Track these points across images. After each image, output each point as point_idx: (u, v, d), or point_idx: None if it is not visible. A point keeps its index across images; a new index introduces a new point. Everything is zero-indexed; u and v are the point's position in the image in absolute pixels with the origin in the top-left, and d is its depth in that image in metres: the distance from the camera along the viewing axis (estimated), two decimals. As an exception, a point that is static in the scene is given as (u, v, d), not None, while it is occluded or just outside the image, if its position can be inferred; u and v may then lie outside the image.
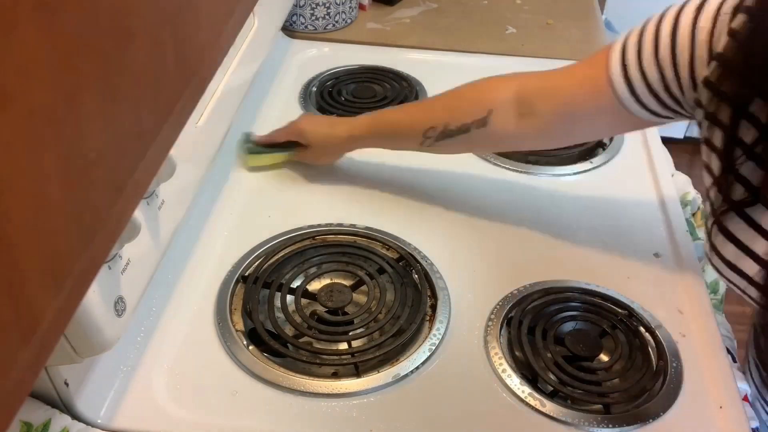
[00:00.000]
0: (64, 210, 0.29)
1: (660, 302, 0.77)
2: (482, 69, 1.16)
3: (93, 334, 0.56)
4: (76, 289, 0.31)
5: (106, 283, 0.57)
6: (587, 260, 0.83)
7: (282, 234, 0.83)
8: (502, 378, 0.69)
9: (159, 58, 0.36)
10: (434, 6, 1.35)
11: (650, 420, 0.66)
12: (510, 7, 1.34)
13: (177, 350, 0.71)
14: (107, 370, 0.67)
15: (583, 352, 0.71)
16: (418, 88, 1.10)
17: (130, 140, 0.34)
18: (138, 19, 0.33)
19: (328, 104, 1.06)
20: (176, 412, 0.65)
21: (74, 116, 0.28)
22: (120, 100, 0.32)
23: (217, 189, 0.90)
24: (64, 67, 0.27)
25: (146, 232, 0.63)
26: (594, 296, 0.77)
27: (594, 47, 1.24)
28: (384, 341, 0.71)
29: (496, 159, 0.97)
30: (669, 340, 0.73)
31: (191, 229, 0.83)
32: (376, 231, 0.84)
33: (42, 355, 0.29)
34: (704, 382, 0.70)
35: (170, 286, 0.77)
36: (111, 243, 0.34)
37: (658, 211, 0.90)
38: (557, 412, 0.66)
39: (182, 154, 0.68)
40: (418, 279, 0.78)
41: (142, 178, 0.36)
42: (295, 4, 1.21)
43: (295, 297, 0.75)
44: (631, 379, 0.69)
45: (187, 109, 0.41)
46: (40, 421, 0.61)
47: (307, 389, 0.67)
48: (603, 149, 1.00)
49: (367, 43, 1.23)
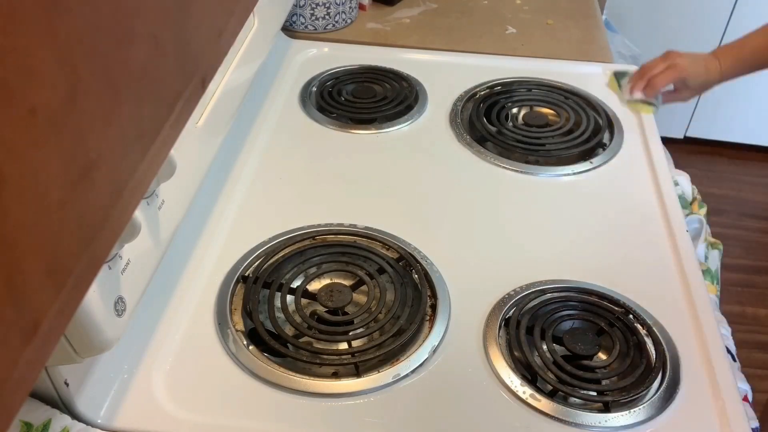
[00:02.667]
0: (65, 210, 0.29)
1: (659, 301, 0.77)
2: (482, 69, 1.17)
3: (93, 334, 0.56)
4: (77, 289, 0.31)
5: (106, 283, 0.57)
6: (587, 260, 0.83)
7: (282, 234, 0.83)
8: (502, 377, 0.69)
9: (159, 58, 0.36)
10: (434, 6, 1.35)
11: (649, 419, 0.66)
12: (510, 7, 1.34)
13: (177, 350, 0.71)
14: (107, 370, 0.67)
15: (581, 351, 0.71)
16: (418, 88, 1.10)
17: (130, 140, 0.34)
18: (138, 19, 0.33)
19: (328, 104, 1.06)
20: (176, 412, 0.65)
21: (75, 116, 0.28)
22: (120, 100, 0.32)
23: (217, 189, 0.90)
24: (64, 67, 0.27)
25: (146, 232, 0.64)
26: (591, 295, 0.77)
27: (594, 47, 1.24)
28: (384, 341, 0.71)
29: (496, 159, 0.97)
30: (668, 338, 0.73)
31: (191, 229, 0.83)
32: (376, 231, 0.84)
33: (42, 355, 0.29)
34: (703, 381, 0.70)
35: (170, 286, 0.77)
36: (111, 243, 0.34)
37: (658, 211, 0.90)
38: (557, 411, 0.66)
39: (182, 154, 0.68)
40: (418, 279, 0.78)
41: (142, 178, 0.36)
42: (295, 4, 1.21)
43: (295, 297, 0.75)
44: (630, 377, 0.69)
45: (187, 109, 0.41)
46: (40, 421, 0.61)
47: (307, 389, 0.67)
48: (603, 149, 1.00)
49: (367, 43, 1.23)
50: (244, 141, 0.98)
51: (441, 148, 0.99)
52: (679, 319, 0.76)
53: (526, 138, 1.00)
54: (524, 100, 1.09)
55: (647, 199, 0.92)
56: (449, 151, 0.99)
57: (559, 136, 1.01)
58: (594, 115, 1.05)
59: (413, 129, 1.03)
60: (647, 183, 0.94)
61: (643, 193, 0.93)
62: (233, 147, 0.96)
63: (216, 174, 0.90)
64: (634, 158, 0.99)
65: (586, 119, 1.03)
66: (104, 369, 0.67)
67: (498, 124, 1.03)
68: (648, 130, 1.03)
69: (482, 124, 1.03)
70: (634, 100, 0.97)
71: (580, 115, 1.04)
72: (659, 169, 0.96)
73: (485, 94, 1.10)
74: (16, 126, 0.25)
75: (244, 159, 0.95)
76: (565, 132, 1.02)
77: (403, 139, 1.02)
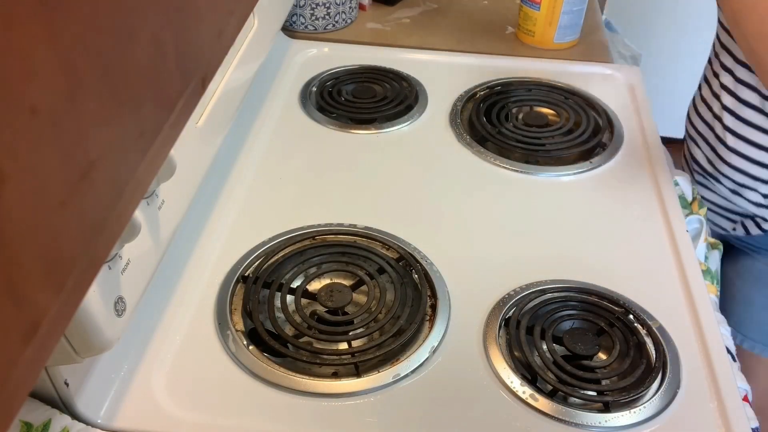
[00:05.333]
0: (65, 210, 0.29)
1: (659, 301, 0.77)
2: (482, 69, 1.17)
3: (93, 334, 0.56)
4: (77, 289, 0.31)
5: (106, 283, 0.57)
6: (587, 260, 0.83)
7: (282, 234, 0.83)
8: (502, 377, 0.69)
9: (159, 58, 0.36)
10: (434, 6, 1.35)
11: (649, 419, 0.66)
12: (510, 7, 1.34)
13: (177, 350, 0.71)
14: (107, 370, 0.67)
15: (581, 351, 0.71)
16: (418, 88, 1.10)
17: (130, 140, 0.34)
18: (138, 19, 0.33)
19: (328, 104, 1.06)
20: (176, 412, 0.65)
21: (75, 116, 0.28)
22: (120, 99, 0.32)
23: (217, 189, 0.90)
24: (64, 67, 0.27)
25: (146, 232, 0.64)
26: (591, 295, 0.77)
27: (594, 47, 1.25)
28: (384, 341, 0.71)
29: (496, 159, 0.97)
30: (668, 338, 0.73)
31: (191, 229, 0.83)
32: (376, 231, 0.84)
33: (42, 355, 0.29)
34: (703, 381, 0.70)
35: (170, 286, 0.77)
36: (111, 243, 0.34)
37: (658, 211, 0.90)
38: (557, 411, 0.66)
39: (182, 154, 0.68)
40: (418, 279, 0.78)
41: (142, 178, 0.36)
42: (295, 4, 1.21)
43: (295, 297, 0.75)
44: (630, 377, 0.69)
45: (187, 109, 0.41)
46: (40, 421, 0.61)
47: (307, 389, 0.67)
48: (603, 149, 1.00)
49: (367, 43, 1.23)
50: (244, 141, 0.98)
51: (441, 148, 0.99)
52: (679, 319, 0.76)
53: (526, 138, 1.00)
54: (524, 100, 1.09)
55: (647, 199, 0.92)
56: (449, 151, 0.99)
57: (559, 136, 1.01)
58: (594, 115, 1.05)
59: (413, 129, 1.03)
60: (647, 183, 0.94)
61: (643, 193, 0.93)
62: (233, 147, 0.96)
63: (216, 174, 0.90)
64: (634, 158, 0.99)
65: (586, 119, 1.03)
66: (104, 369, 0.67)
67: (498, 124, 1.03)
68: (648, 130, 1.03)
69: (482, 124, 1.03)
70: None
71: (580, 115, 1.04)
72: (659, 170, 0.96)
73: (485, 94, 1.10)
74: (16, 126, 0.25)
75: (244, 159, 0.95)
76: (565, 132, 1.02)
77: (403, 139, 1.02)
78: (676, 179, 0.98)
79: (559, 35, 1.20)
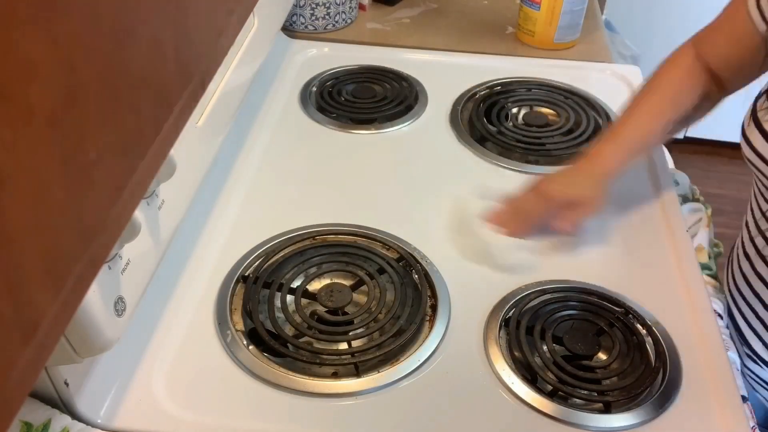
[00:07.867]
0: (65, 210, 0.29)
1: (659, 301, 0.77)
2: (482, 69, 1.17)
3: (93, 334, 0.56)
4: (77, 289, 0.31)
5: (106, 283, 0.57)
6: (587, 260, 0.83)
7: (282, 234, 0.83)
8: (502, 377, 0.69)
9: (159, 58, 0.36)
10: (434, 6, 1.35)
11: (650, 419, 0.66)
12: (510, 7, 1.34)
13: (177, 350, 0.71)
14: (107, 370, 0.67)
15: (581, 351, 0.71)
16: (418, 88, 1.10)
17: (130, 140, 0.34)
18: (138, 19, 0.33)
19: (328, 104, 1.06)
20: (176, 412, 0.65)
21: (75, 116, 0.28)
22: (120, 99, 0.32)
23: (217, 189, 0.90)
24: (64, 67, 0.27)
25: (146, 232, 0.63)
26: (592, 295, 0.77)
27: (594, 47, 1.24)
28: (384, 341, 0.71)
29: (496, 159, 0.97)
30: (668, 338, 0.73)
31: (191, 229, 0.83)
32: (376, 231, 0.84)
33: (42, 355, 0.29)
34: (703, 381, 0.70)
35: (170, 286, 0.77)
36: (111, 243, 0.34)
37: (658, 211, 0.90)
38: (557, 411, 0.66)
39: (182, 154, 0.68)
40: (418, 279, 0.78)
41: (142, 178, 0.36)
42: (295, 4, 1.21)
43: (295, 297, 0.75)
44: (630, 377, 0.69)
45: (187, 109, 0.41)
46: (40, 421, 0.61)
47: (307, 389, 0.67)
48: (603, 149, 1.00)
49: (367, 43, 1.23)
50: (244, 141, 0.98)
51: (441, 148, 0.99)
52: (679, 319, 0.76)
53: (526, 138, 1.00)
54: (524, 100, 1.09)
55: (647, 199, 0.92)
56: (449, 151, 0.99)
57: (559, 135, 1.01)
58: (594, 115, 1.05)
59: (413, 129, 1.03)
60: (647, 183, 0.94)
61: (643, 193, 0.93)
62: (233, 147, 0.96)
63: (216, 174, 0.90)
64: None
65: (586, 119, 1.03)
66: (104, 369, 0.67)
67: (498, 124, 1.03)
68: (648, 130, 1.03)
69: (482, 124, 1.03)
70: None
71: (580, 115, 1.04)
72: (659, 169, 0.96)
73: (485, 94, 1.10)
74: (16, 126, 0.25)
75: (244, 159, 0.95)
76: (565, 132, 1.02)
77: (403, 139, 1.02)
78: (676, 179, 0.98)
79: (559, 35, 1.20)
